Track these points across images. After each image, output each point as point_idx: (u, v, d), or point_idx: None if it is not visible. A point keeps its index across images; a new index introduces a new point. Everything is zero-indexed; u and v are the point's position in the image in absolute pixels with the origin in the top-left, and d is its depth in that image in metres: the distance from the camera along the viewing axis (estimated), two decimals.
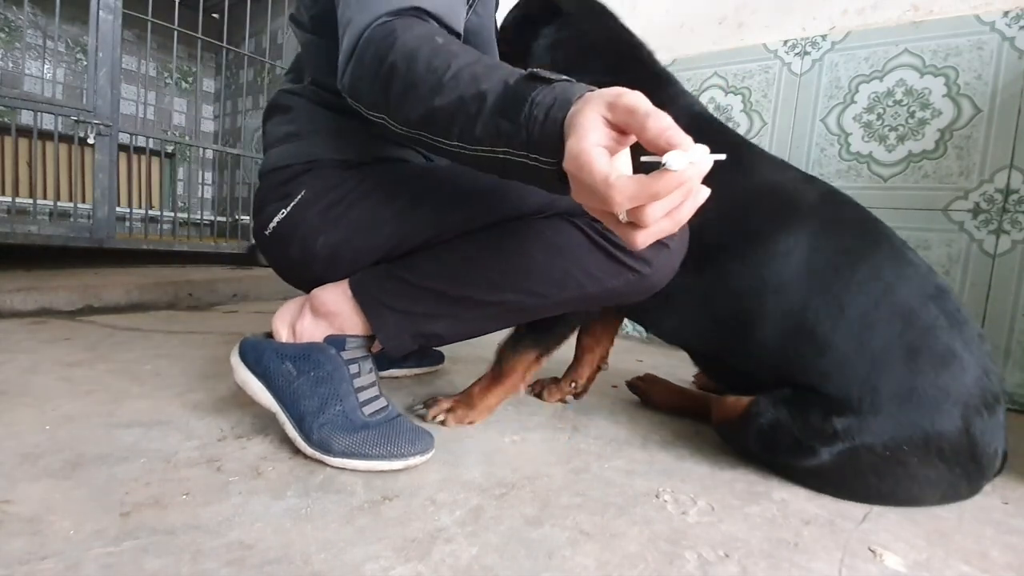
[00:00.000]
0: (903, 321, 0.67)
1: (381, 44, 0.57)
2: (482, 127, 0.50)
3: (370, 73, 0.58)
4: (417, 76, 0.54)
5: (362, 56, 0.58)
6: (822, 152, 1.38)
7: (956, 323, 0.67)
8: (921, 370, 0.65)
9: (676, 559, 0.53)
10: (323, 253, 0.73)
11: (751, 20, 1.50)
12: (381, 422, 0.69)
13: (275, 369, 0.70)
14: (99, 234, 2.03)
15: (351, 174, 0.74)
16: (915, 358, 0.65)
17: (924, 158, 1.26)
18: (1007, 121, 1.16)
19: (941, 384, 0.64)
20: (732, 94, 1.53)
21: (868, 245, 0.72)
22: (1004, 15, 1.17)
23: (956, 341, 0.66)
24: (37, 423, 0.72)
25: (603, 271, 0.68)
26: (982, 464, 0.65)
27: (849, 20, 1.36)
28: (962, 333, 0.67)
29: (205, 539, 0.50)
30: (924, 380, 0.64)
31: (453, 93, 0.52)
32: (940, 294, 0.69)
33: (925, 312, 0.67)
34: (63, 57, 3.15)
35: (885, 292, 0.68)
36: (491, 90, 0.50)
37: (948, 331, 0.66)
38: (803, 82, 1.41)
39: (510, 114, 0.48)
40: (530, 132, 0.47)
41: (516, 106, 0.48)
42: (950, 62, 1.22)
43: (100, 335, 1.26)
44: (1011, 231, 1.17)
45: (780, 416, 0.70)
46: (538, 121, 0.47)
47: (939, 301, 0.68)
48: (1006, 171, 1.17)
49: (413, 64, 0.54)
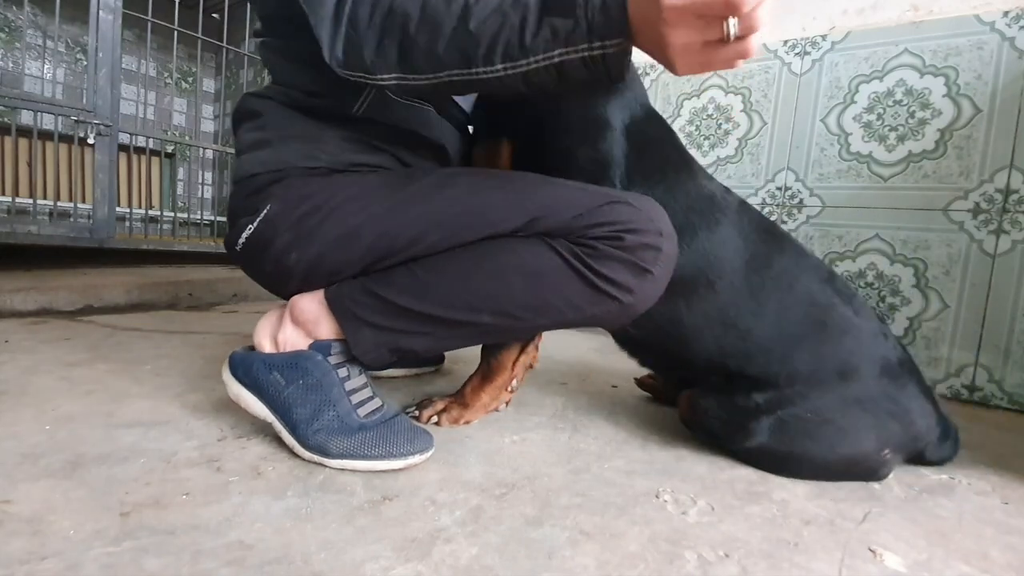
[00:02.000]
0: (808, 303, 0.78)
1: (376, 1, 0.54)
2: (532, 35, 0.48)
3: (374, 34, 0.54)
4: (438, 11, 0.51)
5: (355, 21, 0.55)
6: (822, 152, 1.38)
7: (848, 298, 0.79)
8: (828, 339, 0.76)
9: (676, 559, 0.52)
10: (298, 269, 0.70)
11: None
12: (378, 422, 0.69)
13: (264, 380, 0.69)
14: (99, 234, 2.04)
15: (323, 183, 0.71)
16: (821, 331, 0.76)
17: (924, 158, 1.26)
18: (1007, 121, 1.16)
19: (846, 347, 0.75)
20: (732, 94, 1.53)
21: (775, 246, 0.81)
22: (1004, 15, 1.17)
23: (850, 312, 0.78)
24: (37, 423, 0.72)
25: (583, 300, 0.65)
26: (904, 405, 0.74)
27: (849, 20, 1.36)
28: (853, 304, 0.78)
29: (205, 539, 0.50)
30: (831, 347, 0.75)
31: (486, 11, 0.49)
32: (831, 277, 0.81)
33: (823, 293, 0.78)
34: (63, 57, 3.16)
35: (792, 283, 0.79)
36: (530, 4, 0.48)
37: (843, 306, 0.78)
38: (803, 82, 1.41)
39: (562, 9, 0.47)
40: (591, 19, 0.46)
41: (565, 3, 0.47)
42: (950, 62, 1.22)
43: (100, 335, 1.26)
44: (1011, 231, 1.17)
45: (709, 404, 0.79)
46: (596, 3, 0.46)
47: (832, 283, 0.80)
48: (1006, 171, 1.17)
49: (428, 6, 0.52)
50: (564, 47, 0.48)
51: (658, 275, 0.66)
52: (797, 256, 0.81)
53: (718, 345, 0.78)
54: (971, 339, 1.21)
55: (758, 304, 0.77)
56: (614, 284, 0.64)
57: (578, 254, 0.64)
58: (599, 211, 0.64)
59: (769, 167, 1.46)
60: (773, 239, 0.82)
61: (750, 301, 0.77)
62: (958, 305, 1.23)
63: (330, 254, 0.69)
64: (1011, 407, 1.18)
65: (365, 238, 0.68)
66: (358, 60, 0.57)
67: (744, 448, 0.75)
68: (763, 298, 0.77)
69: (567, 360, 1.33)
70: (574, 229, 0.64)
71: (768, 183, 1.46)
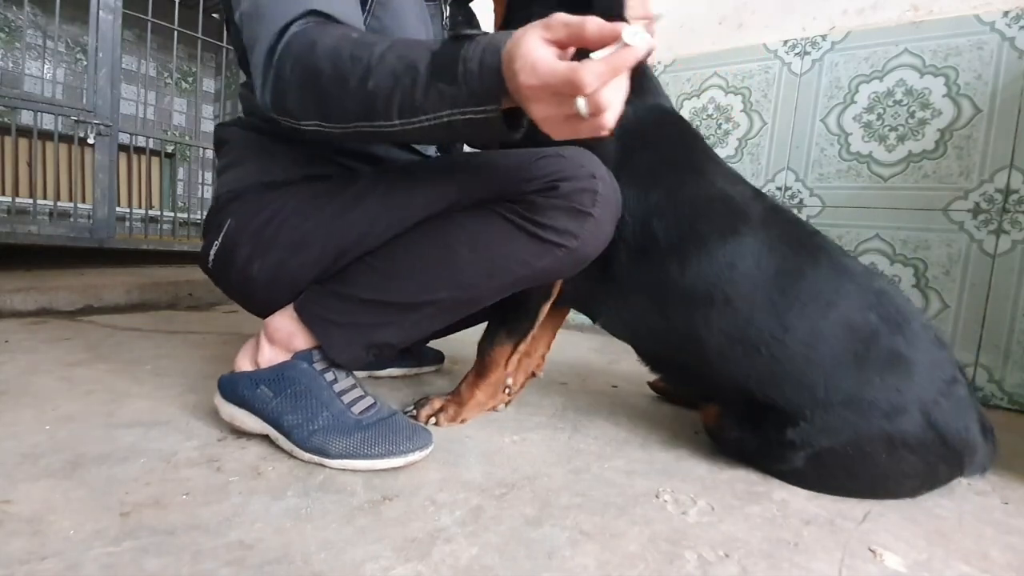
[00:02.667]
0: (847, 330, 0.69)
1: (300, 52, 0.58)
2: (422, 96, 0.53)
3: (295, 82, 0.59)
4: (344, 70, 0.56)
5: (281, 69, 0.59)
6: (822, 152, 1.38)
7: (897, 326, 0.69)
8: (869, 376, 0.67)
9: (676, 559, 0.52)
10: (261, 278, 0.74)
11: (751, 20, 1.50)
12: (375, 420, 0.69)
13: (252, 395, 0.71)
14: (99, 234, 2.04)
15: (276, 195, 0.74)
16: (862, 363, 0.67)
17: (924, 158, 1.26)
18: (1007, 121, 1.16)
19: (891, 385, 0.66)
20: (732, 94, 1.53)
21: (808, 261, 0.73)
22: (1004, 15, 1.17)
23: (899, 343, 0.68)
24: (37, 423, 0.72)
25: (530, 254, 0.67)
26: (955, 448, 0.67)
27: (849, 20, 1.36)
28: (904, 333, 0.69)
29: (205, 539, 0.50)
30: (873, 385, 0.66)
31: (383, 73, 0.54)
32: (880, 300, 0.71)
33: (865, 321, 0.69)
34: (63, 57, 3.15)
35: (828, 305, 0.70)
36: (420, 59, 0.53)
37: (890, 336, 0.68)
38: (803, 82, 1.41)
39: (446, 76, 0.52)
40: (470, 86, 0.51)
41: (450, 67, 0.52)
42: (950, 62, 1.22)
43: (100, 335, 1.26)
44: (1011, 231, 1.17)
45: (743, 434, 0.74)
46: (474, 74, 0.51)
47: (879, 308, 0.70)
48: (1006, 171, 1.17)
49: (337, 61, 0.56)
50: (450, 109, 0.53)
51: (599, 216, 0.67)
52: (836, 274, 0.72)
53: (742, 368, 0.72)
54: (971, 339, 1.21)
55: (785, 328, 0.70)
56: (556, 231, 0.66)
57: (517, 211, 0.66)
58: (529, 168, 0.65)
59: (769, 167, 1.46)
60: (808, 252, 0.74)
61: (775, 323, 0.70)
62: (958, 305, 1.23)
63: (288, 260, 0.72)
64: (1011, 407, 1.18)
65: (317, 241, 0.71)
66: (283, 107, 0.61)
67: (778, 470, 0.72)
68: (791, 320, 0.70)
69: (567, 360, 1.33)
70: (509, 190, 0.66)
71: (768, 183, 1.46)
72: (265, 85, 0.61)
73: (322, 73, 0.57)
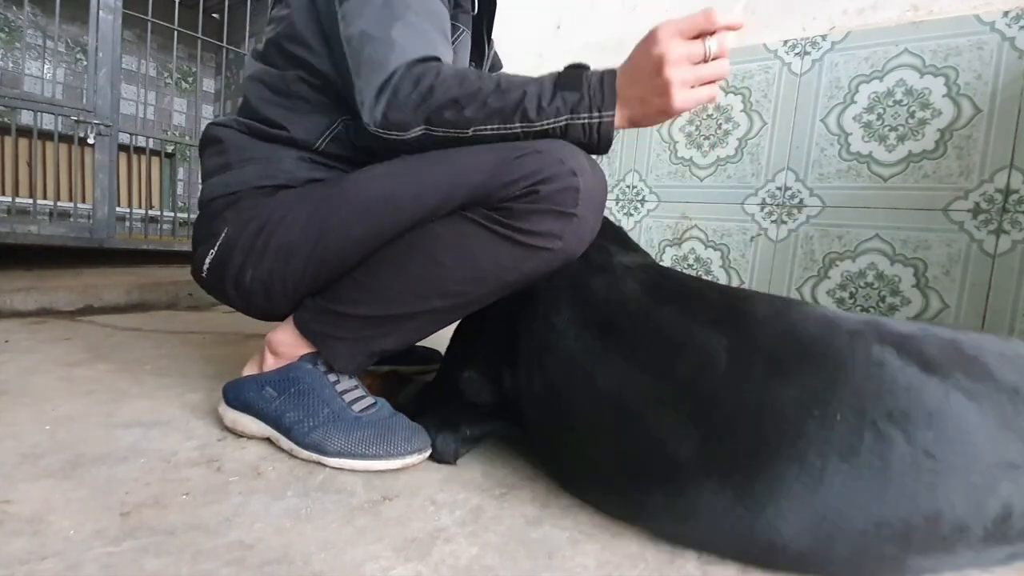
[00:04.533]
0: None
1: (423, 78, 0.64)
2: (547, 102, 0.62)
3: (414, 101, 0.64)
4: (473, 87, 0.63)
5: (398, 89, 0.65)
6: (822, 152, 1.38)
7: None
8: None
9: (676, 559, 0.52)
10: (256, 288, 0.73)
11: (751, 20, 1.50)
12: (374, 418, 0.70)
13: (256, 396, 0.72)
14: (99, 234, 2.03)
15: (268, 201, 0.74)
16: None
17: (924, 158, 1.26)
18: (1007, 121, 1.16)
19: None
20: (732, 94, 1.53)
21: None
22: (1004, 15, 1.17)
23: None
24: (37, 423, 0.72)
25: (515, 260, 0.66)
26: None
27: (849, 20, 1.36)
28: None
29: (205, 539, 0.50)
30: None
31: (513, 86, 0.63)
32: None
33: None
34: (63, 57, 3.16)
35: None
36: (545, 81, 0.63)
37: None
38: (803, 82, 1.41)
39: (571, 85, 0.62)
40: (592, 95, 0.61)
41: (574, 80, 0.62)
42: (950, 62, 1.22)
43: (100, 335, 1.26)
44: (1011, 231, 1.17)
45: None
46: (596, 85, 0.62)
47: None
48: (1006, 171, 1.17)
49: (465, 82, 0.64)
50: (570, 114, 0.62)
51: (583, 214, 0.65)
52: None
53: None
54: None
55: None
56: (539, 236, 0.65)
57: (497, 219, 0.65)
58: (509, 169, 0.64)
59: (769, 167, 1.46)
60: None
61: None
62: (958, 305, 1.23)
63: (279, 268, 0.72)
64: None
65: (303, 247, 0.71)
66: (395, 121, 0.65)
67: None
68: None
69: None
70: (489, 195, 0.65)
71: (768, 183, 1.46)
72: (378, 102, 0.65)
73: (448, 90, 0.63)
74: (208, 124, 0.84)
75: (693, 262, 1.59)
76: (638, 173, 1.69)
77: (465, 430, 0.72)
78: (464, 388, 0.74)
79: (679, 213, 1.62)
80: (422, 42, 0.67)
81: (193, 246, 0.81)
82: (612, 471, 0.58)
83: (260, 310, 0.77)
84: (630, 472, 0.55)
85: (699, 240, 1.58)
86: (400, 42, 0.66)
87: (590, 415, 0.60)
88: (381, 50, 0.66)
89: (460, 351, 0.79)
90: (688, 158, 1.60)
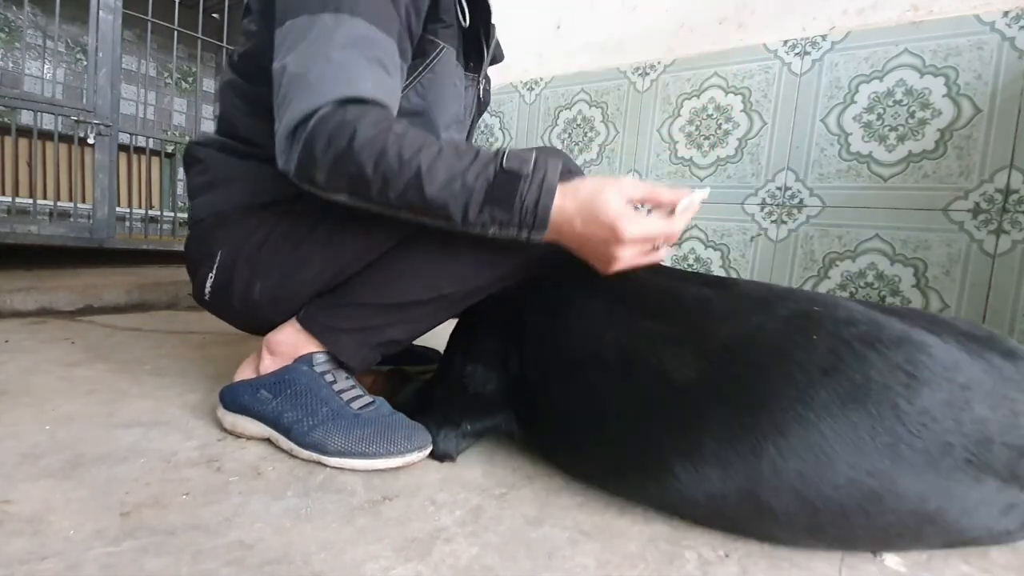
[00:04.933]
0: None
1: (336, 136, 0.58)
2: (474, 215, 0.59)
3: (327, 163, 0.59)
4: (390, 171, 0.58)
5: (311, 145, 0.59)
6: (822, 152, 1.38)
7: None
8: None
9: (676, 559, 0.52)
10: (264, 299, 0.74)
11: (751, 20, 1.50)
12: (374, 416, 0.70)
13: (251, 400, 0.72)
14: (99, 234, 2.03)
15: (267, 215, 0.74)
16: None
17: (924, 158, 1.26)
18: (1007, 121, 1.16)
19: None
20: (732, 94, 1.53)
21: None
22: (1004, 15, 1.17)
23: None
24: (37, 423, 0.72)
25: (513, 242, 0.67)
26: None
27: (849, 20, 1.36)
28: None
29: (205, 539, 0.50)
30: None
31: (436, 185, 0.58)
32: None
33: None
34: (63, 57, 3.15)
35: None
36: (476, 188, 0.58)
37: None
38: (803, 82, 1.41)
39: (502, 204, 0.58)
40: (523, 217, 0.58)
41: (507, 199, 0.58)
42: (950, 62, 1.22)
43: (100, 335, 1.26)
44: (1011, 231, 1.17)
45: None
46: (530, 210, 0.58)
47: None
48: (1006, 171, 1.17)
49: (381, 160, 0.58)
50: (498, 228, 0.60)
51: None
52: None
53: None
54: None
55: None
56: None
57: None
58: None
59: (769, 167, 1.46)
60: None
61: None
62: (958, 305, 1.23)
63: (289, 279, 0.72)
64: None
65: (319, 256, 0.71)
66: (309, 179, 0.62)
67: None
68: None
69: None
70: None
71: (768, 183, 1.46)
72: (289, 155, 0.62)
73: (363, 167, 0.58)
74: (189, 143, 0.83)
75: (693, 262, 1.59)
76: (638, 173, 1.69)
77: (466, 425, 0.72)
78: (468, 382, 0.74)
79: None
80: (343, 82, 0.60)
81: (190, 270, 0.81)
82: (624, 425, 0.60)
83: (263, 322, 0.77)
84: (642, 417, 0.58)
85: (699, 240, 1.58)
86: (316, 83, 0.60)
87: (600, 369, 0.63)
88: (295, 91, 0.61)
89: (462, 346, 0.80)
90: (688, 158, 1.60)
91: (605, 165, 1.75)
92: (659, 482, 0.57)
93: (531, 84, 1.94)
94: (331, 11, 0.62)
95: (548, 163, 0.60)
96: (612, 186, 0.59)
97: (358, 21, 0.62)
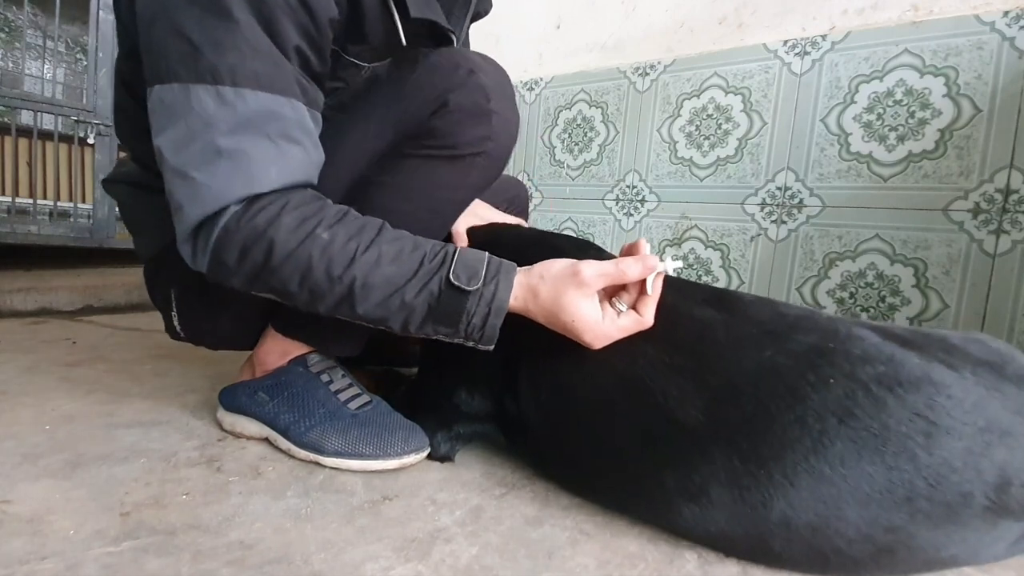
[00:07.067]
0: None
1: (250, 248, 0.53)
2: (416, 328, 0.57)
3: (243, 276, 0.55)
4: (318, 289, 0.54)
5: (220, 255, 0.53)
6: (822, 152, 1.38)
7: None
8: None
9: (676, 559, 0.52)
10: (232, 327, 0.75)
11: (751, 20, 1.50)
12: (372, 416, 0.70)
13: (249, 401, 0.72)
14: (99, 234, 2.03)
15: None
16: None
17: (924, 158, 1.25)
18: (1007, 121, 1.16)
19: None
20: (732, 94, 1.53)
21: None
22: (1004, 15, 1.17)
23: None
24: (37, 423, 0.72)
25: (456, 175, 0.66)
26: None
27: (849, 20, 1.36)
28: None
29: (205, 539, 0.50)
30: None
31: (369, 305, 0.55)
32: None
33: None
34: (63, 57, 3.15)
35: None
36: (417, 307, 0.55)
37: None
38: (803, 82, 1.41)
39: (447, 323, 0.56)
40: (469, 335, 0.56)
41: (452, 317, 0.55)
42: (950, 62, 1.22)
43: (100, 335, 1.26)
44: (1011, 231, 1.17)
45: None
46: (477, 328, 0.56)
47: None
48: (1006, 171, 1.17)
49: (309, 276, 0.53)
50: (444, 337, 0.58)
51: (498, 108, 0.64)
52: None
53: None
54: None
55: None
56: (468, 143, 0.64)
57: (427, 144, 0.64)
58: (413, 92, 0.64)
59: (769, 167, 1.46)
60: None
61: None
62: (958, 305, 1.23)
63: (246, 305, 0.71)
64: None
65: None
66: (225, 283, 0.57)
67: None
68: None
69: None
70: (412, 124, 0.64)
71: (768, 183, 1.46)
72: (197, 258, 0.55)
73: (286, 283, 0.54)
74: (102, 181, 0.80)
75: (693, 262, 1.59)
76: (638, 173, 1.69)
77: (458, 429, 0.72)
78: (458, 403, 0.72)
79: (679, 213, 1.62)
80: (241, 179, 0.51)
81: (158, 306, 0.80)
82: (624, 451, 0.57)
83: (244, 342, 0.78)
84: (645, 453, 0.56)
85: (699, 240, 1.58)
86: (207, 184, 0.51)
87: (601, 398, 0.60)
88: (182, 193, 0.52)
89: (446, 374, 0.75)
90: (688, 158, 1.60)
91: (605, 165, 1.75)
92: (663, 516, 0.56)
93: (531, 84, 1.94)
94: (208, 83, 0.50)
95: (500, 272, 0.56)
96: (571, 290, 0.54)
97: (244, 93, 0.50)
